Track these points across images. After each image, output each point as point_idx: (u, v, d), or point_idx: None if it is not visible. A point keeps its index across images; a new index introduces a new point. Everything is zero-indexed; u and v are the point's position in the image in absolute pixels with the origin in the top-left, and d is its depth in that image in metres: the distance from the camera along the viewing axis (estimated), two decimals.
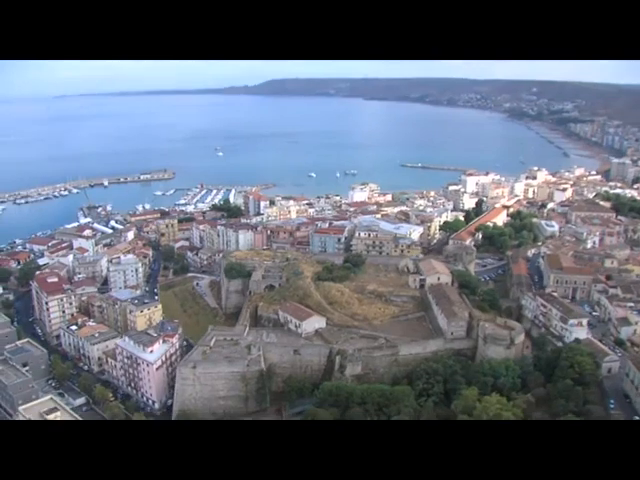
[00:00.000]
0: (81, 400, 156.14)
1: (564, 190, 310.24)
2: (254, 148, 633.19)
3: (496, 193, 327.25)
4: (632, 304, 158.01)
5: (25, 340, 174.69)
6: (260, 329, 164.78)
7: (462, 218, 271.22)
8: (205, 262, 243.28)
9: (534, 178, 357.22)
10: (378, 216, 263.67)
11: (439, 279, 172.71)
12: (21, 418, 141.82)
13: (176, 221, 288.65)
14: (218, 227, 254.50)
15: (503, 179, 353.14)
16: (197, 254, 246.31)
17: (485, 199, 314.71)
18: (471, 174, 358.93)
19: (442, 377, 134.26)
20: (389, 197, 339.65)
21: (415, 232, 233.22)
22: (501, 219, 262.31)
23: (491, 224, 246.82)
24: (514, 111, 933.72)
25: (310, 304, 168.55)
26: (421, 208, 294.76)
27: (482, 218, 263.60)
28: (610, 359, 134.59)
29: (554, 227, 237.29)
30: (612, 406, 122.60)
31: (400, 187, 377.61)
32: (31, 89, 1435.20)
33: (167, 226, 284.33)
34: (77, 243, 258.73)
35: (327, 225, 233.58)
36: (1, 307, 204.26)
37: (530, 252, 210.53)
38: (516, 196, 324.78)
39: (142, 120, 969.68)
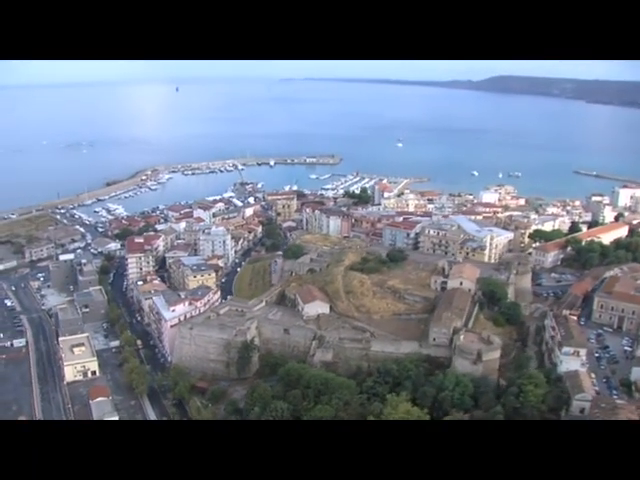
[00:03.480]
0: (115, 343, 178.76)
1: None
2: (436, 141, 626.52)
3: None
4: None
5: (98, 287, 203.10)
6: (273, 306, 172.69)
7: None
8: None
9: None
10: (479, 217, 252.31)
11: (461, 284, 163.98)
12: (59, 347, 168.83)
13: (294, 202, 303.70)
14: (316, 212, 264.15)
15: None
16: (291, 235, 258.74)
17: (626, 214, 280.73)
18: (626, 186, 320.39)
19: (394, 379, 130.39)
20: (522, 201, 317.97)
21: (500, 238, 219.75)
22: (615, 235, 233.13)
23: (591, 239, 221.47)
24: None
25: (329, 290, 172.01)
26: (535, 220, 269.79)
27: (590, 232, 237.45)
28: (582, 397, 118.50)
29: None
30: None
31: (559, 194, 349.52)
32: (259, 71, 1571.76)
33: (284, 206, 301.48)
34: (197, 213, 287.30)
35: (401, 219, 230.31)
36: (104, 259, 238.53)
37: (610, 273, 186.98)
38: None
39: (348, 107, 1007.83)
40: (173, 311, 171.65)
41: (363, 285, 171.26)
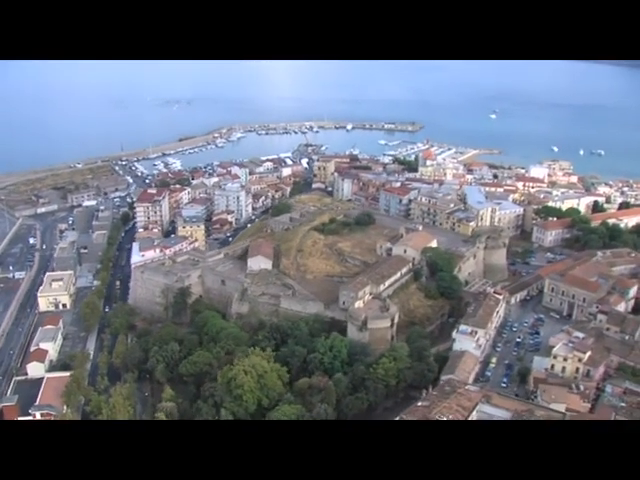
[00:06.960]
0: (97, 282, 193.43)
1: None
2: (537, 116, 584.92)
3: None
4: (582, 335, 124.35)
5: (103, 232, 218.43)
6: (229, 259, 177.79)
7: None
8: None
9: None
10: (500, 190, 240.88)
11: (405, 252, 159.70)
12: (44, 279, 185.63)
13: (331, 164, 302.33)
14: (336, 174, 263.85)
15: None
16: None
17: None
18: None
19: (282, 336, 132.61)
20: (574, 179, 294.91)
21: (505, 212, 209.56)
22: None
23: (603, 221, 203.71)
24: None
25: (283, 248, 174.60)
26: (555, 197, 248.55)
27: (611, 213, 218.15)
28: (445, 379, 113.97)
29: None
30: None
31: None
32: None
33: (319, 168, 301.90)
34: (234, 170, 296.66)
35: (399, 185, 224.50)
36: (128, 207, 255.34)
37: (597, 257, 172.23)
38: None
39: (469, 76, 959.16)
40: (143, 256, 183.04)
41: (315, 245, 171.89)
